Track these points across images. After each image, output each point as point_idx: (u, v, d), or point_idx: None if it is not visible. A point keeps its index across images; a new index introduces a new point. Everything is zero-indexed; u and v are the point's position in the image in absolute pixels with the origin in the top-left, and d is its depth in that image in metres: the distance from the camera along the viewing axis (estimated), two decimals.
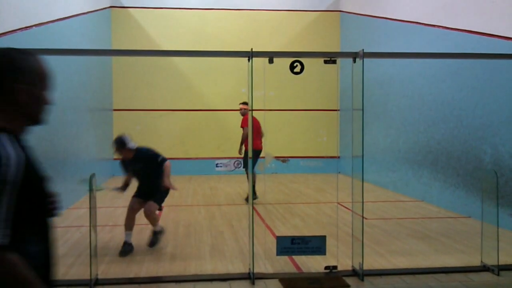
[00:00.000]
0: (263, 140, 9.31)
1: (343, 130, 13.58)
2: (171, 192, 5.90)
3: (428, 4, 9.21)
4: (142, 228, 6.92)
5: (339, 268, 4.87)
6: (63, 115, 8.36)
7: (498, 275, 4.79)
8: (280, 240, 4.77)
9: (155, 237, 5.84)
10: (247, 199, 8.97)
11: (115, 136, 5.88)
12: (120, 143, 5.59)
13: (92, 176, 4.54)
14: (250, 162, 5.56)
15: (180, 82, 13.81)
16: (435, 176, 8.75)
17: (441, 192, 8.55)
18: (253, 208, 4.83)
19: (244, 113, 8.96)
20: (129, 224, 5.74)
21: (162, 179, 5.67)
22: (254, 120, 9.04)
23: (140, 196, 5.90)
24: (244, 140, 9.09)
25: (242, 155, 9.27)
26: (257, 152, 8.96)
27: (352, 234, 5.01)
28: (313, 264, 5.10)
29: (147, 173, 5.83)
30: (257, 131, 8.98)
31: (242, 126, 9.01)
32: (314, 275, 4.80)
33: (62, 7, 8.59)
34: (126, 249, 5.58)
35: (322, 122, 14.18)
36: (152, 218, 5.76)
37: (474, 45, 7.51)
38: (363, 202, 4.77)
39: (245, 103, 8.88)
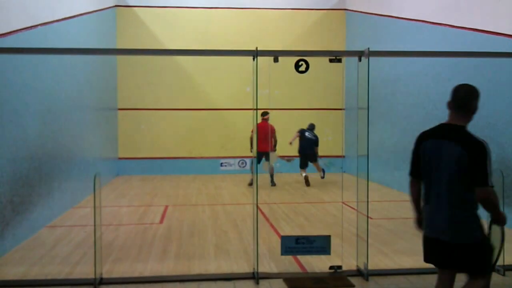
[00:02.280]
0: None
1: (348, 129, 13.54)
2: (175, 191, 5.91)
3: (434, 2, 9.15)
4: (146, 228, 6.94)
5: (344, 268, 4.85)
6: (68, 114, 8.38)
7: (503, 275, 4.75)
8: (284, 239, 4.76)
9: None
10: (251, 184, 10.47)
11: (120, 135, 5.89)
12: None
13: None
14: (255, 161, 5.56)
15: (184, 81, 13.81)
16: None
17: None
18: (257, 207, 4.81)
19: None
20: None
21: None
22: (265, 125, 10.74)
23: None
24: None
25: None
26: (261, 154, 10.52)
27: (357, 233, 4.99)
28: (317, 263, 5.08)
29: None
30: (265, 136, 10.76)
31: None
32: (318, 275, 4.78)
33: (67, 6, 8.60)
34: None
35: (327, 121, 14.14)
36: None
37: (481, 44, 7.45)
38: (368, 201, 4.75)
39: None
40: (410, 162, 3.25)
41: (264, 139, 10.86)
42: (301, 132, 11.51)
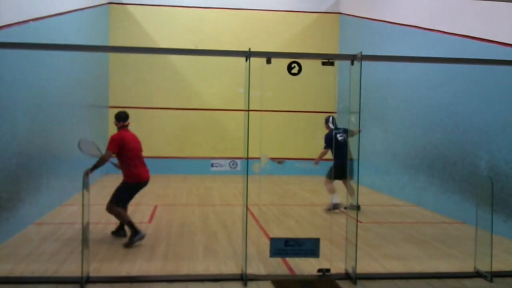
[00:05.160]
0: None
1: None
2: (165, 191, 5.87)
3: (427, 8, 9.21)
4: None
5: (332, 271, 4.85)
6: (58, 111, 8.31)
7: (491, 281, 4.77)
8: (273, 241, 4.75)
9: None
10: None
11: (110, 133, 5.83)
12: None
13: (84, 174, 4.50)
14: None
15: (176, 81, 13.77)
16: (431, 181, 8.74)
17: (436, 197, 8.54)
18: (247, 209, 4.80)
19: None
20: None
21: None
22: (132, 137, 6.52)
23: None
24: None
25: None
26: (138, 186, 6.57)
27: (346, 237, 4.99)
28: (306, 266, 5.07)
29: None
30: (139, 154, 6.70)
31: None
32: (307, 278, 4.77)
33: (60, 2, 8.53)
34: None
35: (318, 124, 14.13)
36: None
37: (473, 51, 7.51)
38: (357, 205, 4.75)
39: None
40: None
41: (140, 158, 6.82)
42: None
